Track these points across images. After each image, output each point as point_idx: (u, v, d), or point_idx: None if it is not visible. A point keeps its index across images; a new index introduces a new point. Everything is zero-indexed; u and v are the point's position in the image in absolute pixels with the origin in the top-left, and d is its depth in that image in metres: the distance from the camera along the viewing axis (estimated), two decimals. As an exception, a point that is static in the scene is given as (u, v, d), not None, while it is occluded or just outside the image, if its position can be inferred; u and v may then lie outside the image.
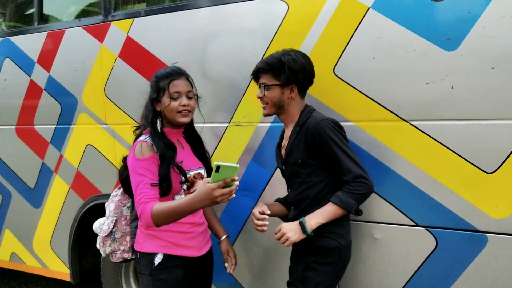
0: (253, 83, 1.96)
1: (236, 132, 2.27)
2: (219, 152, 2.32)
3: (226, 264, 2.01)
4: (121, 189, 1.97)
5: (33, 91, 2.94)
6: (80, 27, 2.72)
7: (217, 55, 2.30)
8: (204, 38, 2.32)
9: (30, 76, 2.94)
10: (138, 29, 2.51)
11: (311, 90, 2.01)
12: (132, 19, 2.52)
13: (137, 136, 1.82)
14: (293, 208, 1.90)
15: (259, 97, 1.86)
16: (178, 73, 1.81)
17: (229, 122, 2.28)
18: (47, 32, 2.87)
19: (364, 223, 1.99)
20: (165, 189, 1.69)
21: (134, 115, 2.48)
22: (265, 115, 1.90)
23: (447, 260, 1.83)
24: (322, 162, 1.77)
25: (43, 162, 2.95)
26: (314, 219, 1.70)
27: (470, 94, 1.74)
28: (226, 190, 1.45)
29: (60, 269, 3.02)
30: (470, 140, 1.76)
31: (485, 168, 1.74)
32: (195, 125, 1.99)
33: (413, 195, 1.87)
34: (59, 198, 2.92)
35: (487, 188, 1.74)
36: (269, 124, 2.18)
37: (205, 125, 2.35)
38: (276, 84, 1.80)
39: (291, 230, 1.69)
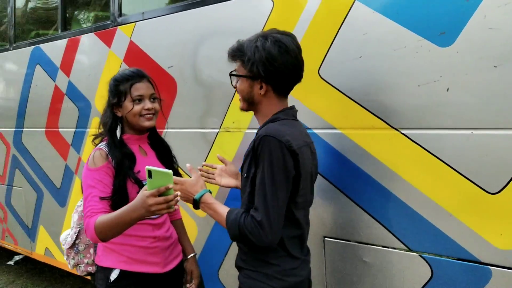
0: None
1: (226, 138, 2.15)
2: (211, 158, 2.22)
3: (187, 285, 1.87)
4: None
5: (57, 95, 3.08)
6: (93, 33, 2.78)
7: (207, 58, 2.20)
8: (194, 40, 2.23)
9: (54, 82, 3.08)
10: (139, 33, 2.50)
11: (295, 94, 1.83)
12: (134, 23, 2.51)
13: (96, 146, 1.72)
14: None
15: (233, 87, 1.56)
16: (140, 75, 1.70)
17: (220, 127, 2.17)
18: (67, 39, 2.98)
19: (352, 243, 1.77)
20: (117, 202, 1.57)
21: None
22: (241, 110, 1.58)
23: (443, 294, 1.56)
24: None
25: (66, 164, 3.08)
26: (210, 201, 1.47)
27: (469, 98, 1.45)
28: (161, 199, 1.35)
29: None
30: (469, 153, 1.46)
31: (488, 187, 1.44)
32: (192, 130, 1.90)
33: (405, 215, 1.62)
34: (79, 199, 3.03)
35: (490, 212, 1.44)
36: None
37: (197, 130, 2.28)
38: (244, 76, 1.48)
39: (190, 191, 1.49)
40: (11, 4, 3.58)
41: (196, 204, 1.50)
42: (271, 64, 1.41)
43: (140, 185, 1.62)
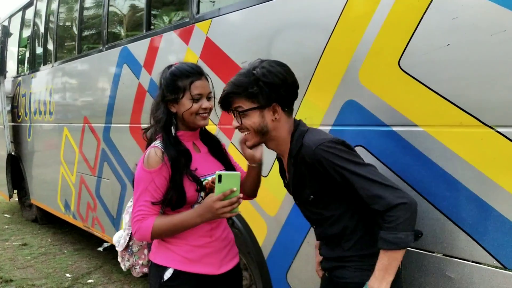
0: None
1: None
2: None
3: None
4: None
5: (140, 92, 3.23)
6: (172, 31, 2.86)
7: (281, 52, 2.13)
8: (268, 35, 2.18)
9: (138, 79, 3.24)
10: (215, 29, 2.51)
11: (372, 87, 1.69)
12: (211, 19, 2.53)
13: (150, 140, 1.68)
14: (325, 243, 1.59)
15: (236, 127, 1.54)
16: (199, 72, 1.63)
17: (291, 124, 2.08)
18: (150, 38, 3.11)
19: (430, 254, 1.57)
20: (174, 199, 1.55)
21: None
22: (251, 147, 1.56)
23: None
24: (339, 191, 1.44)
25: (146, 158, 3.21)
26: (380, 283, 1.33)
27: None
28: (226, 202, 1.41)
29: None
30: None
31: None
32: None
33: (499, 227, 1.39)
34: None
35: None
36: (330, 127, 1.91)
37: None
38: (254, 108, 1.46)
39: None
40: (104, 9, 3.84)
41: None
42: (283, 84, 1.46)
43: (198, 182, 1.59)
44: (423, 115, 1.57)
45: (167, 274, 1.61)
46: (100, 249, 4.88)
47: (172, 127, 1.64)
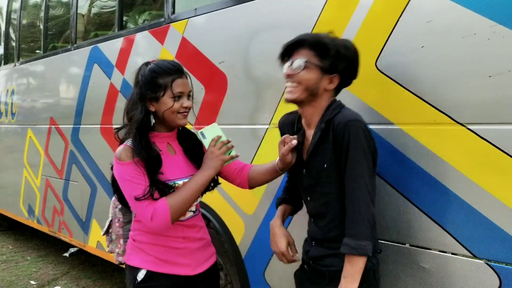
0: None
1: (276, 134, 2.09)
2: (260, 155, 2.17)
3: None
4: None
5: (112, 93, 3.17)
6: (147, 31, 2.84)
7: (259, 53, 2.16)
8: (246, 35, 2.21)
9: (110, 80, 3.18)
10: (191, 29, 2.51)
11: (351, 87, 1.75)
12: (187, 19, 2.53)
13: (121, 141, 1.63)
14: (313, 221, 1.62)
15: (289, 75, 1.50)
16: (181, 70, 1.60)
17: (269, 123, 2.12)
18: (123, 37, 3.06)
19: (406, 246, 1.64)
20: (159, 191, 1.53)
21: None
22: (289, 101, 1.53)
23: (514, 307, 1.40)
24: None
25: (118, 159, 3.16)
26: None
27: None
28: (219, 144, 1.56)
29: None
30: (549, 151, 1.31)
31: None
32: (242, 126, 1.94)
33: (470, 219, 1.47)
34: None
35: None
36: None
37: (247, 126, 2.24)
38: (318, 66, 1.46)
39: None
40: (73, 8, 3.75)
41: None
42: (354, 63, 1.52)
43: (168, 187, 1.55)
44: (399, 113, 1.64)
45: (140, 275, 1.61)
46: (67, 254, 4.74)
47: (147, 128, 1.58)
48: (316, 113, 1.54)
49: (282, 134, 1.65)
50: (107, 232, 1.85)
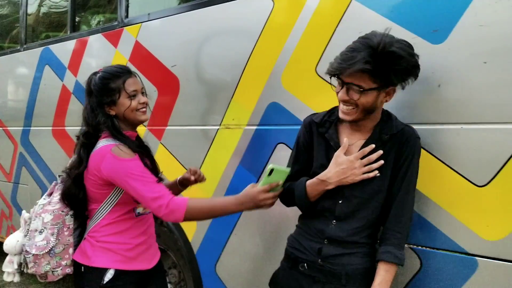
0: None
1: (226, 135, 2.21)
2: (210, 155, 2.28)
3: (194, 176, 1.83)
4: (57, 197, 1.72)
5: (65, 95, 3.17)
6: (100, 33, 2.87)
7: (209, 57, 2.27)
8: (198, 40, 2.31)
9: (62, 81, 3.17)
10: (144, 33, 2.58)
11: (293, 90, 1.90)
12: (140, 24, 2.60)
13: (89, 144, 1.66)
14: (336, 222, 1.52)
15: (345, 100, 1.42)
16: (128, 71, 1.70)
17: (220, 124, 2.23)
18: (75, 39, 3.07)
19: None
20: None
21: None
22: (347, 121, 1.48)
23: (432, 284, 1.58)
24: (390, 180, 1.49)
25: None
26: None
27: (459, 93, 1.50)
28: (271, 194, 1.48)
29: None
30: (459, 147, 1.51)
31: (476, 180, 1.48)
32: (193, 127, 2.00)
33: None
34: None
35: (478, 204, 1.48)
36: (255, 127, 2.09)
37: (199, 127, 2.34)
38: (374, 88, 1.37)
39: None
40: (23, 7, 3.70)
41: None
42: (413, 72, 1.40)
43: (159, 178, 1.67)
44: (336, 114, 1.81)
45: (108, 276, 1.63)
46: (14, 261, 4.58)
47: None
48: (371, 121, 1.50)
49: (307, 132, 1.61)
50: (49, 250, 1.66)
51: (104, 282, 1.62)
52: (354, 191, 1.49)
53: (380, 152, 1.45)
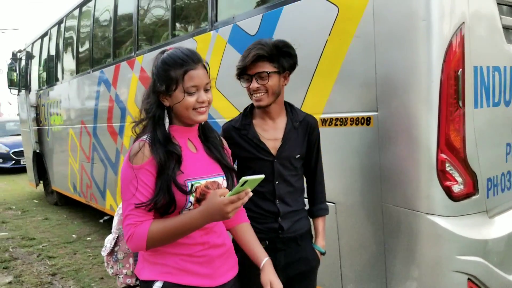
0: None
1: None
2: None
3: None
4: None
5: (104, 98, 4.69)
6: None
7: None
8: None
9: (109, 93, 4.69)
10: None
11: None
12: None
13: (138, 136, 1.47)
14: (279, 201, 1.80)
15: (256, 88, 1.70)
16: (195, 60, 1.42)
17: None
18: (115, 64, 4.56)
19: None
20: (163, 204, 1.37)
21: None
22: (263, 107, 1.75)
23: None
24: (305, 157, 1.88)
25: (116, 147, 4.67)
26: (323, 241, 1.91)
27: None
28: (239, 203, 1.27)
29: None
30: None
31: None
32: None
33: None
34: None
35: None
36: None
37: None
38: (275, 71, 1.71)
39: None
40: (91, 38, 5.32)
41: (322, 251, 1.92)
42: (295, 56, 1.77)
43: (184, 192, 1.40)
44: (226, 113, 2.91)
45: None
46: (101, 220, 6.35)
47: (166, 124, 1.45)
48: (280, 106, 1.81)
49: (228, 139, 1.75)
50: (111, 252, 1.64)
51: None
52: (283, 171, 1.81)
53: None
